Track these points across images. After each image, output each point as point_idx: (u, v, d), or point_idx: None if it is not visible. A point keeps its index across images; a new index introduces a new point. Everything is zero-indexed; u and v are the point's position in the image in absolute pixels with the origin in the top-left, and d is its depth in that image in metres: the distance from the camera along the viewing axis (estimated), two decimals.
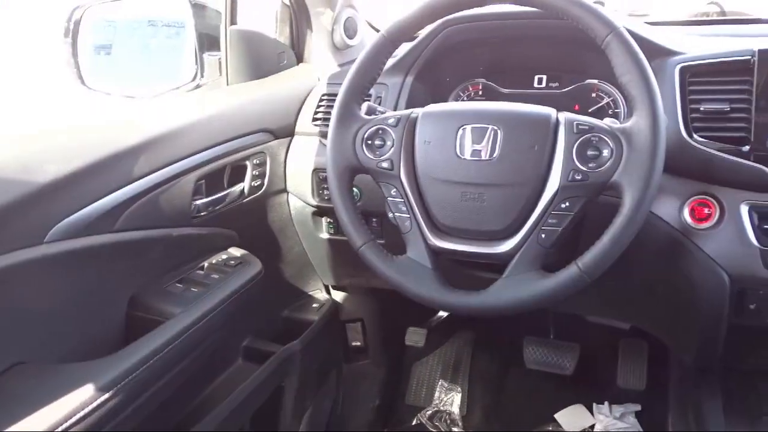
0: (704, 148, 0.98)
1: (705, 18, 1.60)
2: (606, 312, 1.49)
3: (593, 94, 1.25)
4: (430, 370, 1.91)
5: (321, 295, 1.67)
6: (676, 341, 1.27)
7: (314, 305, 1.61)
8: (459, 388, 1.85)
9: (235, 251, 1.24)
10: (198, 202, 1.15)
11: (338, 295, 1.70)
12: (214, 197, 1.19)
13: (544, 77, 1.31)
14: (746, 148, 0.96)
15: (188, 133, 1.12)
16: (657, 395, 1.63)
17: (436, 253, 0.94)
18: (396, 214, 0.96)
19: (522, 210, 0.89)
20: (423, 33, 1.25)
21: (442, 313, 1.93)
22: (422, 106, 1.00)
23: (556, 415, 1.75)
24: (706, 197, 0.99)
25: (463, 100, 1.35)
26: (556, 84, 1.29)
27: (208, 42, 1.47)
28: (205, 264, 1.18)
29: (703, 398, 1.07)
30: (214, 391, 1.29)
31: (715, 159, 0.97)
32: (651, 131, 0.82)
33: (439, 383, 1.87)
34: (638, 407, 1.73)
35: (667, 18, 1.61)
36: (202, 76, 1.46)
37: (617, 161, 0.84)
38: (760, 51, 0.97)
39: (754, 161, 0.95)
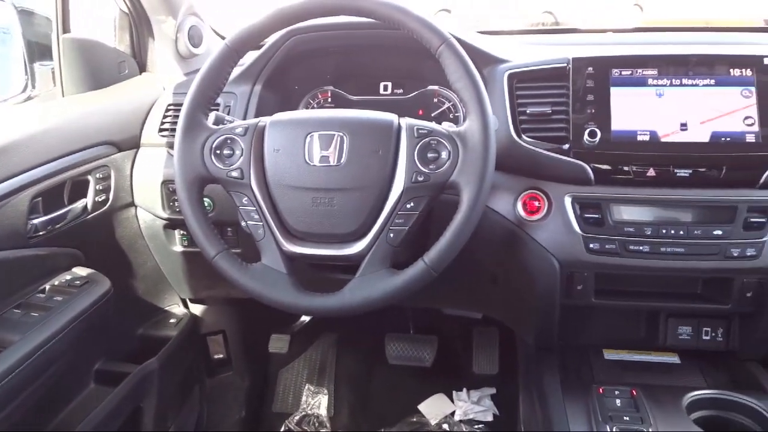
0: (532, 147, 1.08)
1: (535, 27, 1.74)
2: (459, 304, 1.58)
3: (435, 99, 1.33)
4: (296, 376, 1.92)
5: (178, 309, 1.62)
6: (519, 325, 1.38)
7: (171, 320, 1.57)
8: (325, 390, 1.87)
9: (81, 270, 1.18)
10: (35, 221, 1.08)
11: (197, 308, 1.66)
12: (53, 215, 1.12)
13: (390, 84, 1.37)
14: (566, 146, 1.06)
15: (20, 148, 1.05)
16: (508, 377, 1.76)
17: (290, 258, 0.96)
18: (249, 222, 0.97)
19: (371, 212, 0.93)
20: (269, 41, 1.26)
21: (305, 318, 1.94)
22: (272, 114, 1.01)
23: (419, 406, 1.83)
24: (536, 191, 1.09)
25: (312, 107, 1.38)
26: (401, 90, 1.36)
27: (39, 51, 1.38)
28: (47, 286, 1.11)
29: (544, 375, 1.17)
30: (65, 419, 1.22)
31: (541, 157, 1.07)
32: (482, 134, 0.90)
33: (306, 387, 1.88)
34: (493, 390, 1.85)
35: (505, 26, 1.72)
36: (33, 87, 1.37)
37: (454, 162, 0.91)
38: (573, 59, 1.09)
39: (573, 158, 1.06)
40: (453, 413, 1.80)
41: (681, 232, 1.03)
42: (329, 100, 1.37)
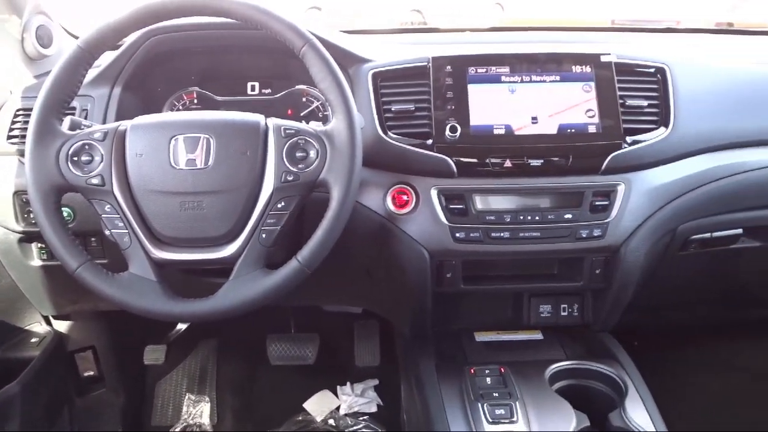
0: (397, 144, 1.12)
1: (405, 26, 1.79)
2: (338, 299, 1.61)
3: (303, 99, 1.34)
4: (176, 386, 1.86)
5: (41, 327, 1.52)
6: (396, 316, 1.43)
7: (33, 340, 1.47)
8: (207, 398, 1.83)
9: None
10: None
11: (62, 325, 1.56)
12: None
13: (257, 84, 1.36)
14: (430, 141, 1.11)
15: None
16: (390, 367, 1.81)
17: (159, 265, 0.93)
18: (113, 230, 0.93)
19: (241, 214, 0.93)
20: (127, 42, 1.21)
21: (181, 326, 1.89)
22: (134, 117, 0.98)
23: (304, 405, 1.84)
24: (404, 186, 1.13)
25: (178, 109, 1.34)
26: (269, 90, 1.35)
27: None
28: None
29: (421, 362, 1.22)
30: None
31: (407, 152, 1.11)
32: (348, 132, 0.92)
33: (186, 397, 1.83)
34: (376, 381, 1.90)
35: (373, 25, 1.75)
36: None
37: (323, 161, 0.92)
38: (433, 58, 1.14)
39: (437, 152, 1.11)
40: (338, 408, 1.83)
41: (537, 218, 1.11)
42: (195, 101, 1.34)
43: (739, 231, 1.27)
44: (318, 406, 1.84)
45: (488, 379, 1.13)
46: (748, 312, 1.74)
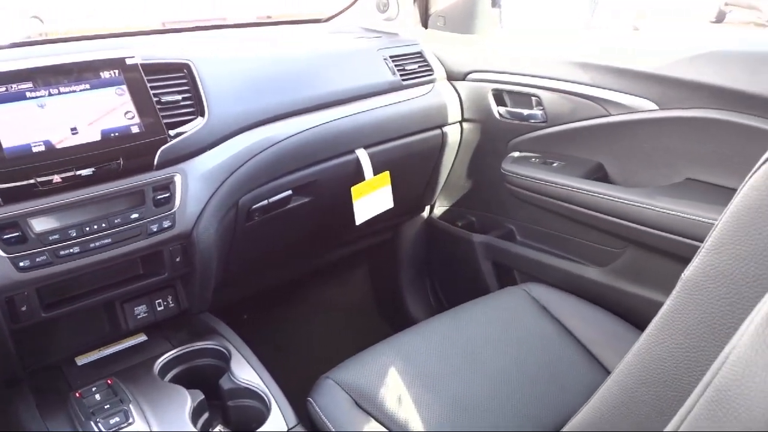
0: None
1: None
2: None
3: None
4: None
5: None
6: None
7: None
8: None
9: None
10: None
11: None
12: None
13: None
14: None
15: None
16: None
17: None
18: None
19: None
20: None
21: None
22: None
23: None
24: None
25: None
26: None
27: None
28: None
29: (20, 409, 1.10)
30: None
31: None
32: None
33: None
34: None
35: None
36: None
37: None
38: None
39: None
40: None
41: (104, 225, 1.11)
42: None
43: (289, 192, 1.48)
44: None
45: (97, 396, 1.10)
46: (322, 257, 2.05)
